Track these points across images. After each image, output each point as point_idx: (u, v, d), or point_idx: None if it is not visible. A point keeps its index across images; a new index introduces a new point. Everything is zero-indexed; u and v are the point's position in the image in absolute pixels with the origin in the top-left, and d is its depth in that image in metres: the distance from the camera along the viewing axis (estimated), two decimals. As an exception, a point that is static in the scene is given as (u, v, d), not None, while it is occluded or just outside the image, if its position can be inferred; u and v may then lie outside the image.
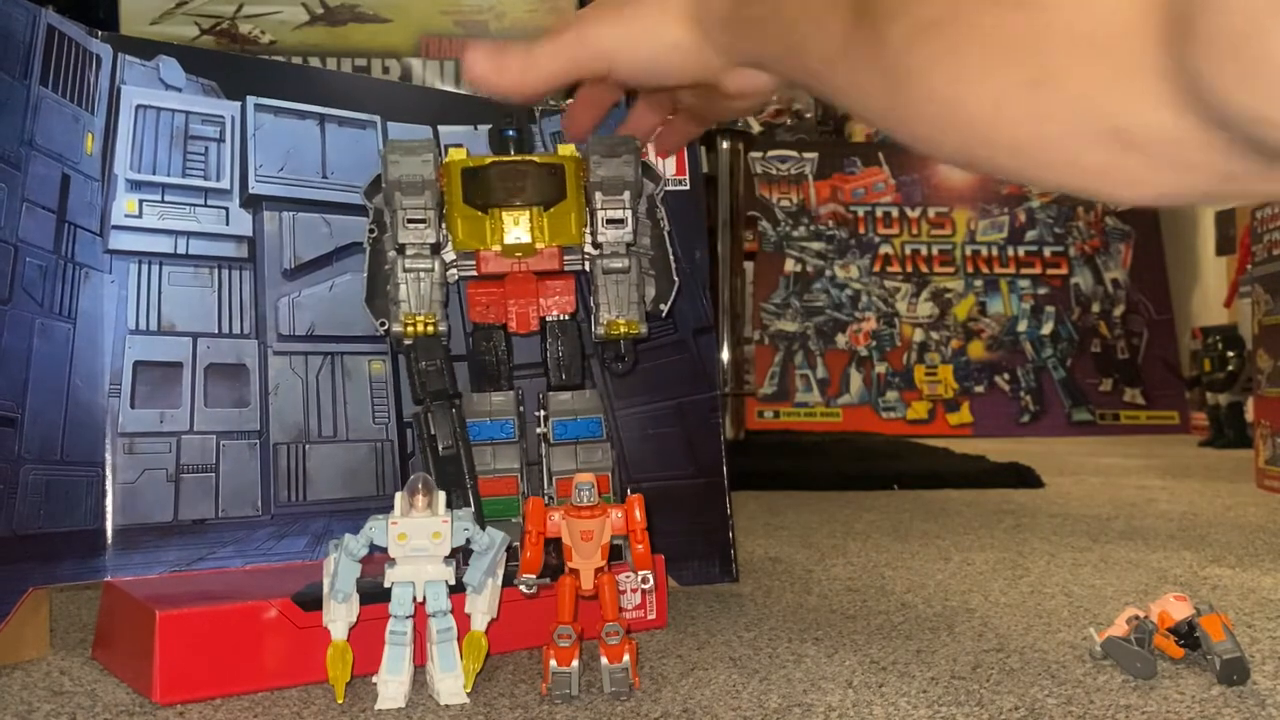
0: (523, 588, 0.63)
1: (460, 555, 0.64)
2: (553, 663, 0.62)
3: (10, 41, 0.71)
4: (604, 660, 0.62)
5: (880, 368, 4.05)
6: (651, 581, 0.65)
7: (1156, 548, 1.17)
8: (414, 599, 0.62)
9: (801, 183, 4.23)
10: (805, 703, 0.61)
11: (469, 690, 0.62)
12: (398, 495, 0.61)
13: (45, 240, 0.72)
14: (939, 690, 0.64)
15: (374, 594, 0.63)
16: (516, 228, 0.76)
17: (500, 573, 0.64)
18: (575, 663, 0.62)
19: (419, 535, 0.60)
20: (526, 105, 0.78)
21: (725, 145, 2.68)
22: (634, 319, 0.78)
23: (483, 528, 0.63)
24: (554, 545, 0.75)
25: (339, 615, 0.61)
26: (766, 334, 4.05)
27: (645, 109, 0.71)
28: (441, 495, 0.62)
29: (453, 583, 0.62)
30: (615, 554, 0.72)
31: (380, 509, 0.63)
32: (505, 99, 0.60)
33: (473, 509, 0.70)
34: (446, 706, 0.61)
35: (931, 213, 4.25)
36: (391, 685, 0.60)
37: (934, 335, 4.10)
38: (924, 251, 4.21)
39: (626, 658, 0.62)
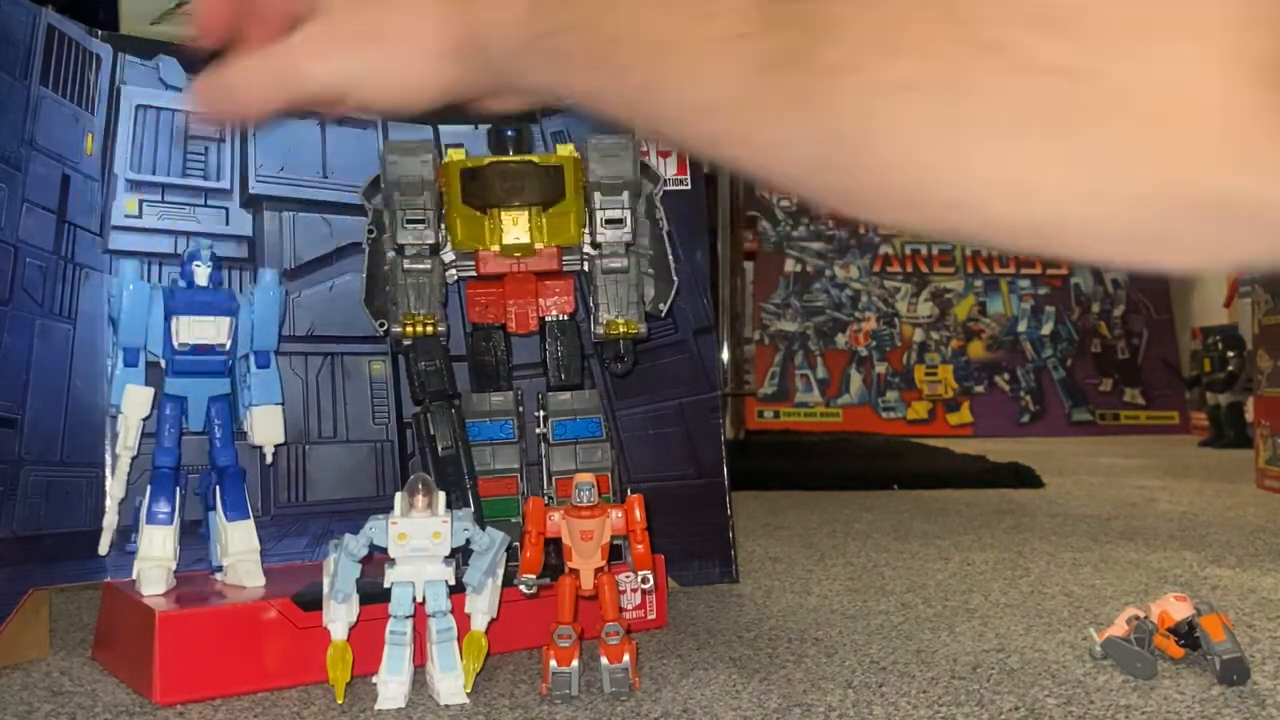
0: (523, 588, 0.63)
1: (460, 555, 0.64)
2: (553, 663, 0.62)
3: (10, 41, 0.71)
4: (604, 660, 0.62)
5: (880, 368, 4.04)
6: (651, 581, 0.65)
7: (1156, 548, 1.17)
8: (414, 599, 0.62)
9: (801, 183, 4.23)
10: (805, 703, 0.61)
11: (469, 690, 0.62)
12: (398, 495, 0.61)
13: (45, 240, 0.72)
14: (939, 690, 0.64)
15: (374, 594, 0.63)
16: (515, 228, 0.76)
17: (500, 573, 0.64)
18: (575, 663, 0.62)
19: (419, 535, 0.60)
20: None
21: (725, 145, 2.68)
22: (633, 319, 0.78)
23: (482, 528, 0.63)
24: (554, 545, 0.75)
25: (339, 615, 0.61)
26: (766, 334, 4.05)
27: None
28: (441, 495, 0.62)
29: (452, 583, 0.62)
30: (615, 554, 0.72)
31: (380, 509, 0.63)
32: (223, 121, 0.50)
33: (472, 509, 0.70)
34: (446, 706, 0.61)
35: (931, 213, 4.24)
36: (391, 685, 0.60)
37: (934, 335, 4.10)
38: (924, 251, 4.21)
39: (626, 658, 0.62)
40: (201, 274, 0.71)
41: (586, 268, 0.79)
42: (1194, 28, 0.27)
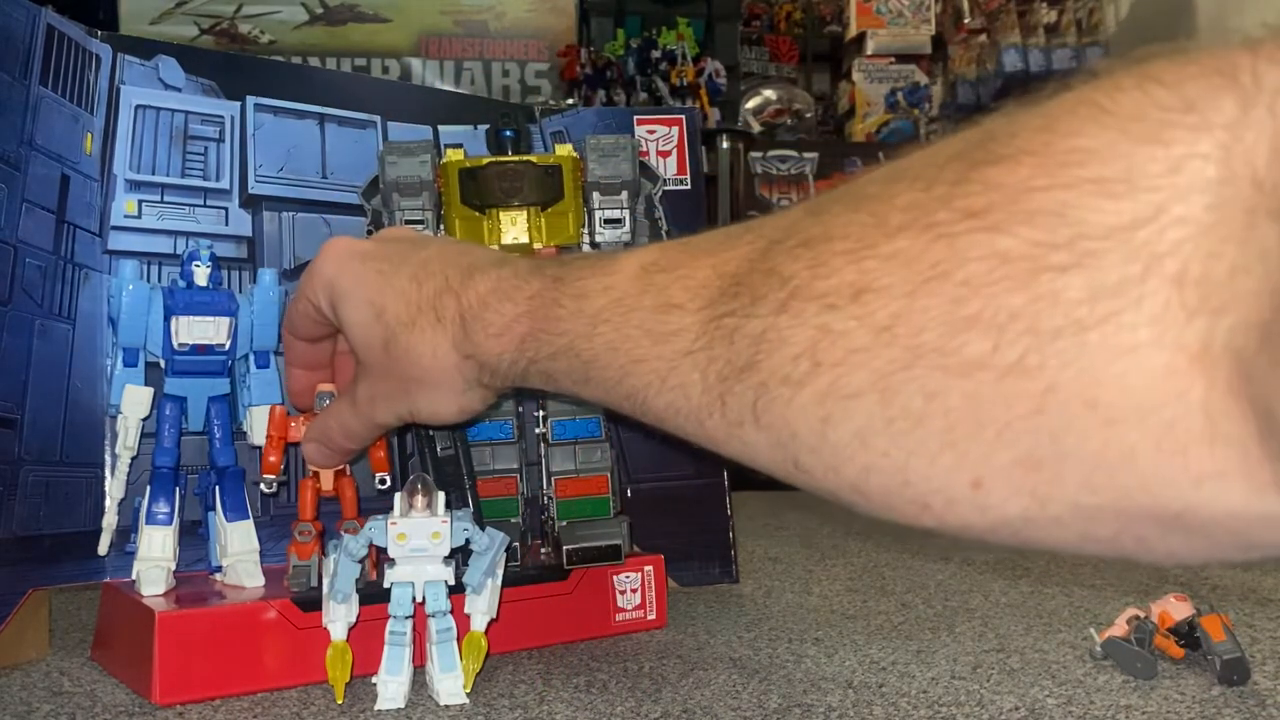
0: (263, 487, 0.69)
1: (459, 556, 0.64)
2: (294, 557, 0.67)
3: (10, 41, 0.71)
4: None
5: (880, 367, 4.04)
6: (389, 482, 0.70)
7: (1156, 547, 1.17)
8: (414, 599, 0.62)
9: (801, 183, 4.23)
10: (805, 703, 0.61)
11: (468, 690, 0.62)
12: (397, 495, 0.61)
13: (45, 241, 0.72)
14: (939, 690, 0.63)
15: (373, 594, 0.63)
16: (514, 228, 0.76)
17: (500, 573, 0.64)
18: (314, 556, 0.67)
19: (418, 535, 0.60)
20: (525, 105, 0.78)
21: (725, 145, 2.68)
22: (633, 319, 0.77)
23: (482, 528, 0.63)
24: (554, 544, 0.75)
25: (338, 616, 0.61)
26: (767, 334, 4.04)
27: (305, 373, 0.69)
28: (441, 495, 0.62)
29: (452, 583, 0.62)
30: (614, 555, 0.73)
31: (380, 509, 0.63)
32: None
33: (471, 509, 0.70)
34: (446, 707, 0.61)
35: (931, 212, 4.24)
36: (391, 685, 0.60)
37: (934, 335, 4.09)
38: (924, 251, 4.21)
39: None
40: (201, 274, 0.71)
41: (586, 268, 0.79)
42: (1133, 318, 0.25)
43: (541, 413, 0.78)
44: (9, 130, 0.70)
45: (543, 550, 0.79)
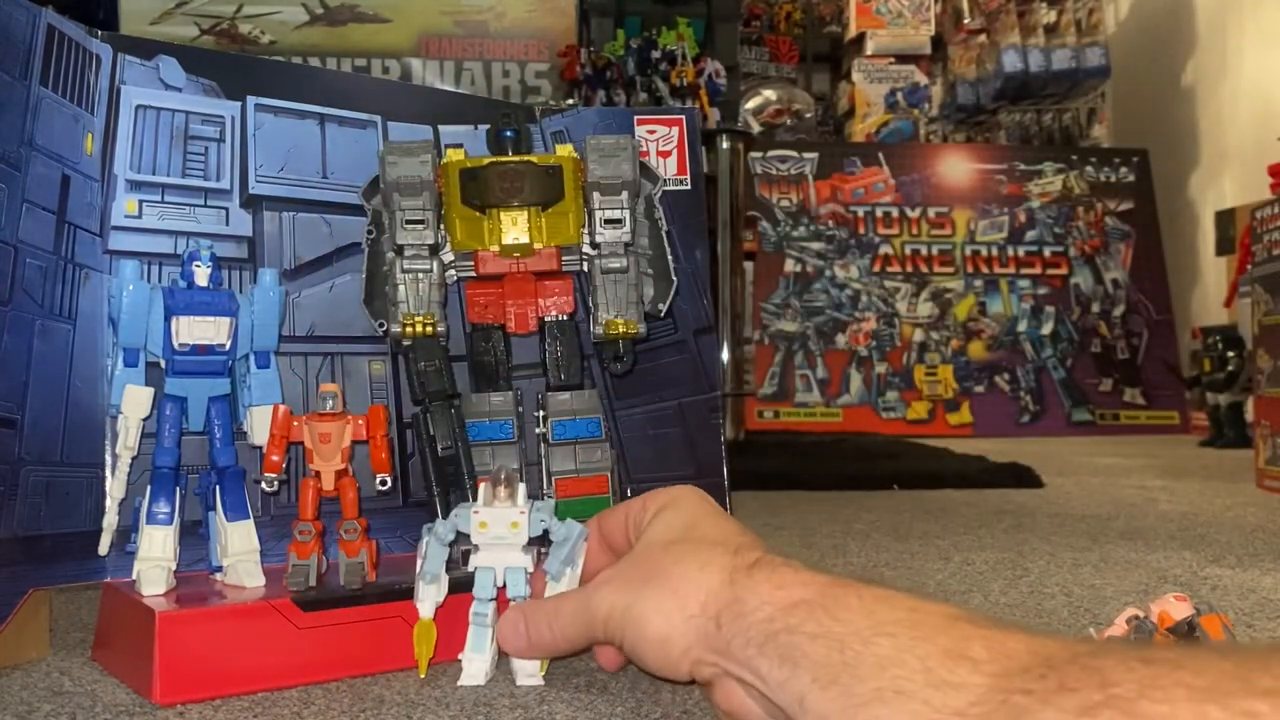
0: (264, 485, 0.69)
1: (538, 545, 0.66)
2: (293, 556, 0.67)
3: (10, 41, 0.71)
4: (341, 554, 0.68)
5: (880, 368, 4.04)
6: (389, 484, 0.69)
7: (1156, 548, 1.17)
8: (495, 584, 0.64)
9: (801, 183, 4.23)
10: (805, 703, 0.61)
11: (544, 673, 0.64)
12: (482, 485, 0.65)
13: (45, 241, 0.72)
14: (938, 690, 0.63)
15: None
16: (514, 228, 0.76)
17: (580, 561, 0.66)
18: (313, 556, 0.67)
19: (498, 524, 0.63)
20: (525, 105, 0.78)
21: (725, 145, 2.68)
22: (633, 319, 0.78)
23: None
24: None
25: (427, 595, 0.65)
26: (766, 334, 4.05)
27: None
28: (522, 487, 0.64)
29: (531, 570, 0.65)
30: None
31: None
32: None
33: (550, 502, 0.72)
34: (448, 705, 0.61)
35: (931, 213, 4.24)
36: (475, 663, 0.63)
37: (934, 335, 4.09)
38: (924, 251, 4.20)
39: (364, 553, 0.68)
40: (201, 274, 0.71)
41: (586, 268, 0.79)
42: None
43: (541, 413, 0.78)
44: (9, 130, 0.70)
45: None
